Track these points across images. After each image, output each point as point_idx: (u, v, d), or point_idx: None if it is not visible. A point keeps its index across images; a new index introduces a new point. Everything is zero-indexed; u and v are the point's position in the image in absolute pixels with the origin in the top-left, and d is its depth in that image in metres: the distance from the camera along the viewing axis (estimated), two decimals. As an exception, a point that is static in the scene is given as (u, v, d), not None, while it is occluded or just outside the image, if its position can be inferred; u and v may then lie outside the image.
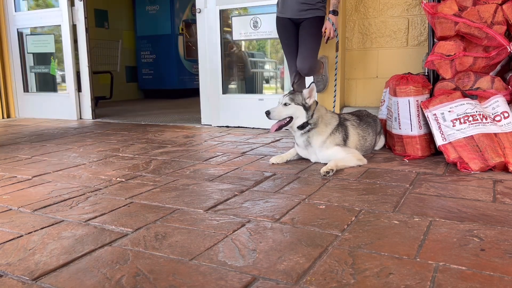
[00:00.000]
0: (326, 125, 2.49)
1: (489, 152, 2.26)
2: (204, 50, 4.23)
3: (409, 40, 3.55)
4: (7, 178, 2.34)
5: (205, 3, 4.12)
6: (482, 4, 2.59)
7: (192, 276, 1.17)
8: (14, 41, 5.42)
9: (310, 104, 2.45)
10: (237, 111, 4.14)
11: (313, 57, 3.16)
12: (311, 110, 2.46)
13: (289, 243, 1.38)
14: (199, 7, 4.15)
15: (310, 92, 2.44)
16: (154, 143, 3.33)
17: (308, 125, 2.47)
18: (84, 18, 4.89)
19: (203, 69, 4.27)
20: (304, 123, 2.46)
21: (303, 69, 3.15)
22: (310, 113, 2.46)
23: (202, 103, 4.36)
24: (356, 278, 1.14)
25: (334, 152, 2.44)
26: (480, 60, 2.60)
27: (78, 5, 4.88)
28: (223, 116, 4.22)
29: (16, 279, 1.19)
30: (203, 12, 4.14)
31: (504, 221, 1.53)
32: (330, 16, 3.07)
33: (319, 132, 2.47)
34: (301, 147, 2.56)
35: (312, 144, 2.49)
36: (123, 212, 1.72)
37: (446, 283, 1.11)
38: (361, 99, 3.81)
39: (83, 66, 5.03)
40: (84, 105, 5.10)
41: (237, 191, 1.99)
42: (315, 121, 2.48)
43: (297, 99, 2.45)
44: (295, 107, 2.44)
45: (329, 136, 2.47)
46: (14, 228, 1.57)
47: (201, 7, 4.14)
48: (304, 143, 2.51)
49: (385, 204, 1.75)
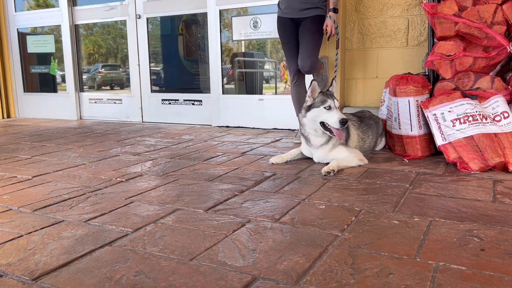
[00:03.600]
0: None
1: (489, 152, 2.26)
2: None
3: (409, 40, 3.55)
4: (7, 178, 2.34)
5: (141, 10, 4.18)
6: (482, 4, 2.59)
7: (192, 276, 1.17)
8: (14, 41, 5.42)
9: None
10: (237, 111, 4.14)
11: (314, 54, 3.17)
12: None
13: (289, 243, 1.38)
14: (139, 13, 4.21)
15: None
16: (154, 143, 3.33)
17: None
18: (135, 14, 4.76)
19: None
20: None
21: (304, 66, 3.15)
22: None
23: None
24: (356, 278, 1.14)
25: (338, 152, 2.45)
26: (480, 60, 2.60)
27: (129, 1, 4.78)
28: (223, 116, 4.22)
29: (16, 279, 1.18)
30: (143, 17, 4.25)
31: (504, 221, 1.53)
32: (330, 14, 3.08)
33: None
34: (314, 146, 2.52)
35: (329, 142, 2.47)
36: (123, 212, 1.72)
37: (446, 283, 1.11)
38: (361, 99, 3.81)
39: (133, 64, 4.87)
40: (135, 107, 4.98)
41: (237, 191, 1.99)
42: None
43: (336, 100, 2.47)
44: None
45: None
46: (14, 228, 1.57)
47: (140, 13, 4.24)
48: (323, 142, 2.48)
49: (385, 204, 1.75)
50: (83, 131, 4.14)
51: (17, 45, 5.42)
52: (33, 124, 4.82)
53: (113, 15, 4.86)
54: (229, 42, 4.37)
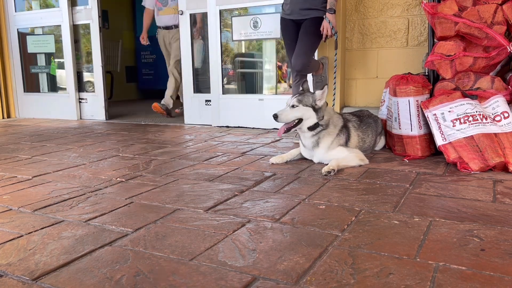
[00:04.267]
0: (335, 126, 2.50)
1: (489, 152, 2.26)
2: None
3: (409, 40, 3.55)
4: (7, 178, 2.34)
5: (186, 5, 4.24)
6: (482, 4, 2.59)
7: (192, 276, 1.17)
8: (14, 41, 5.42)
9: (320, 105, 2.45)
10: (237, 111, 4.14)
11: (307, 55, 3.17)
12: (321, 112, 2.46)
13: (289, 243, 1.38)
14: (181, 9, 4.30)
15: (322, 94, 2.44)
16: (154, 143, 3.33)
17: (320, 126, 2.47)
18: (98, 17, 4.84)
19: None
20: (315, 124, 2.46)
21: (295, 65, 3.16)
22: (321, 115, 2.46)
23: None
24: (356, 278, 1.14)
25: (338, 152, 2.45)
26: (480, 60, 2.60)
27: (92, 4, 4.83)
28: (223, 116, 4.22)
29: (16, 279, 1.19)
30: (186, 14, 4.32)
31: (504, 221, 1.53)
32: (327, 15, 3.09)
33: (328, 133, 2.48)
34: (308, 148, 2.55)
35: (321, 145, 2.48)
36: (123, 212, 1.72)
37: (446, 283, 1.11)
38: (361, 99, 3.81)
39: (96, 66, 4.97)
40: (98, 106, 5.04)
41: (237, 191, 1.99)
42: (326, 122, 2.48)
43: (306, 100, 2.45)
44: (304, 109, 2.44)
45: (336, 137, 2.48)
46: (14, 228, 1.57)
47: (183, 9, 4.31)
48: (313, 143, 2.50)
49: (385, 204, 1.75)
50: (83, 131, 4.15)
51: (17, 45, 5.42)
52: (33, 124, 4.82)
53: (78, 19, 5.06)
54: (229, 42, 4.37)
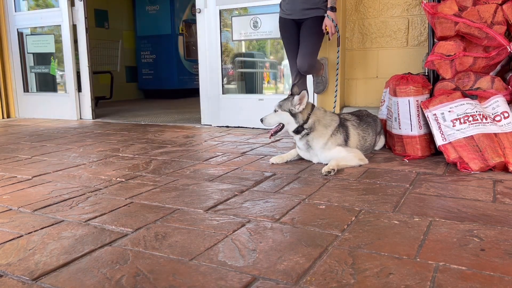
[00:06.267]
0: (326, 127, 2.49)
1: (489, 152, 2.26)
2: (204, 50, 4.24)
3: (409, 40, 3.55)
4: (7, 178, 2.34)
5: (205, 3, 4.12)
6: (482, 4, 2.59)
7: (192, 276, 1.17)
8: (14, 41, 5.42)
9: (298, 110, 2.44)
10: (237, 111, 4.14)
11: (312, 54, 3.17)
12: (301, 116, 2.46)
13: (289, 243, 1.38)
14: (199, 7, 4.16)
15: (300, 99, 2.43)
16: (154, 143, 3.33)
17: (304, 130, 2.48)
18: (84, 18, 4.89)
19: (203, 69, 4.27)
20: (299, 127, 2.47)
21: (302, 66, 3.16)
22: (301, 119, 2.46)
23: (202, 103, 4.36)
24: (356, 278, 1.14)
25: (337, 152, 2.45)
26: (480, 60, 2.60)
27: (78, 5, 4.89)
28: (223, 116, 4.22)
29: (16, 279, 1.18)
30: (203, 12, 4.15)
31: (504, 221, 1.53)
32: (328, 13, 3.09)
33: (318, 135, 2.47)
34: (302, 150, 2.57)
35: (313, 147, 2.50)
36: (123, 212, 1.72)
37: (446, 283, 1.11)
38: (361, 99, 3.81)
39: (83, 66, 5.03)
40: (84, 105, 5.10)
41: (237, 191, 1.99)
42: (311, 125, 2.47)
43: (285, 105, 2.47)
44: (282, 114, 2.47)
45: (330, 138, 2.47)
46: (14, 228, 1.57)
47: (201, 7, 4.14)
48: (305, 146, 2.52)
49: (385, 204, 1.75)
50: (83, 131, 4.14)
51: (17, 45, 5.42)
52: (33, 124, 4.82)
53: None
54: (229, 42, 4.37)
